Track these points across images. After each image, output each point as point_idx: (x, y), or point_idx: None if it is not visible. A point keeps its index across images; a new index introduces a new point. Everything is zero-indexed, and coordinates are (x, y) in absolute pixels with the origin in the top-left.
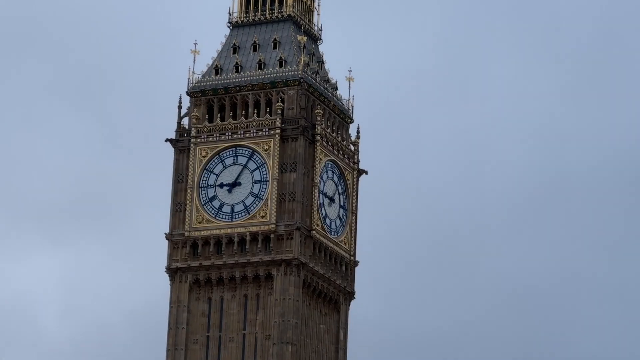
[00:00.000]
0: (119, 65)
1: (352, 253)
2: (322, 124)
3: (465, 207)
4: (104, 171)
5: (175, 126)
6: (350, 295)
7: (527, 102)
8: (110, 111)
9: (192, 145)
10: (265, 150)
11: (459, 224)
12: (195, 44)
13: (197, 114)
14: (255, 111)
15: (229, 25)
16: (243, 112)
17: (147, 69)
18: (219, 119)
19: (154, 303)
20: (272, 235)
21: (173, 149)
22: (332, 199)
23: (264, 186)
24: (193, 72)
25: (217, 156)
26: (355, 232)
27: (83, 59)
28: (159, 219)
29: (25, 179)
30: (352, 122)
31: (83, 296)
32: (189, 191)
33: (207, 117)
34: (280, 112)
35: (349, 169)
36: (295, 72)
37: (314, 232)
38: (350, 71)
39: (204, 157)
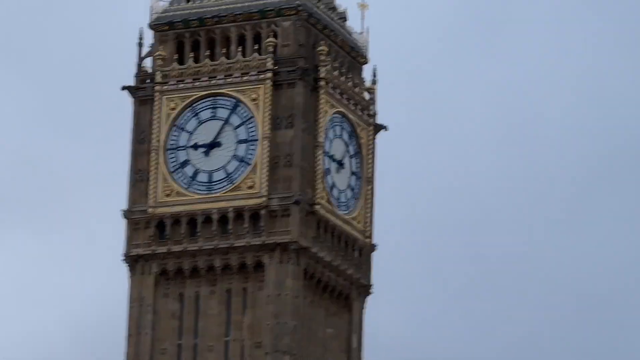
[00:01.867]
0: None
1: (368, 234)
2: (327, 65)
3: (512, 172)
4: (37, 132)
5: (134, 70)
6: (365, 289)
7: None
8: (45, 53)
9: (156, 94)
10: (253, 100)
11: (503, 196)
12: None
13: (163, 53)
14: (240, 49)
15: None
16: (223, 51)
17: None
18: (191, 59)
19: (107, 303)
20: (262, 212)
21: (132, 99)
22: (341, 164)
23: (252, 147)
24: None
25: (190, 108)
26: (372, 206)
27: None
28: (113, 192)
29: None
30: (367, 62)
31: (15, 300)
32: (153, 155)
33: (176, 57)
34: (272, 50)
35: (363, 124)
36: None
37: (318, 206)
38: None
39: (172, 109)
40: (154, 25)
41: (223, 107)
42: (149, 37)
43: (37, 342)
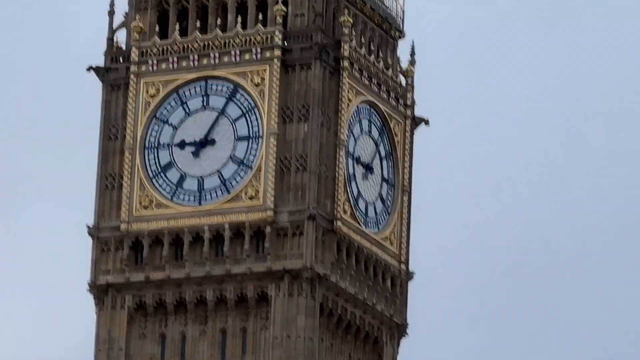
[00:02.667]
0: None
1: (403, 259)
2: (351, 41)
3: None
4: None
5: (104, 46)
6: (399, 329)
7: None
8: None
9: (132, 76)
10: (257, 85)
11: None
12: None
13: (140, 25)
14: (239, 19)
15: None
16: (219, 22)
17: None
18: (177, 32)
19: (68, 345)
20: (268, 229)
21: (101, 83)
22: (369, 168)
23: (255, 146)
24: None
25: (175, 95)
26: (409, 223)
27: None
28: (75, 203)
29: None
30: (403, 37)
31: None
32: (127, 155)
33: (157, 29)
34: (281, 20)
35: (397, 117)
36: None
37: (339, 223)
38: None
39: (152, 96)
40: None
41: (218, 95)
42: (123, 3)
43: None
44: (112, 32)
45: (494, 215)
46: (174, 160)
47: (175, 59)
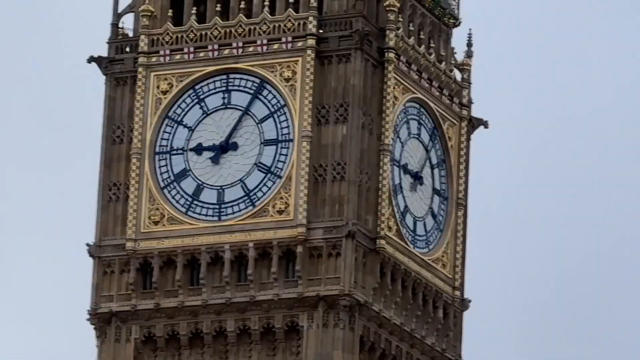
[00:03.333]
0: None
1: (457, 284)
2: (398, 29)
3: None
4: None
5: (107, 33)
6: None
7: None
8: None
9: (140, 68)
10: (287, 80)
11: None
12: None
13: (150, 9)
14: (267, 2)
15: None
16: (242, 5)
17: None
18: (193, 18)
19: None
20: (299, 249)
21: (103, 76)
22: (418, 177)
23: (284, 151)
24: None
25: (191, 91)
26: (464, 242)
27: None
28: (74, 219)
29: None
30: (459, 24)
31: None
32: (134, 161)
33: (170, 14)
34: (316, 4)
35: (451, 118)
36: None
37: (383, 241)
38: None
39: (164, 93)
40: None
41: (241, 90)
42: None
43: None
44: (117, 16)
45: (562, 234)
46: (190, 167)
47: (192, 49)
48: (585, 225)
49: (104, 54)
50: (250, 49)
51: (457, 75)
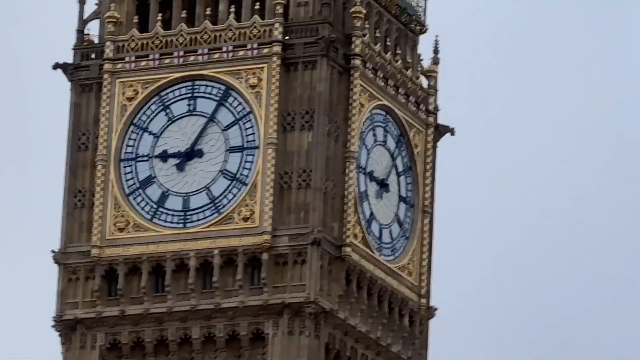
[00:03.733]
0: None
1: (423, 292)
2: (364, 36)
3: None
4: None
5: (73, 40)
6: None
7: None
8: None
9: (106, 75)
10: (253, 87)
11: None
12: None
13: (116, 15)
14: (233, 9)
15: None
16: (208, 12)
17: None
18: (159, 24)
19: None
20: (264, 256)
21: (69, 83)
22: (384, 185)
23: (250, 158)
24: None
25: (157, 98)
26: (430, 250)
27: None
28: (39, 226)
29: None
30: (425, 31)
31: None
32: (99, 168)
33: (136, 20)
34: (282, 11)
35: (417, 125)
36: None
37: (349, 249)
38: None
39: (130, 99)
40: None
41: (207, 97)
42: None
43: None
44: (82, 23)
45: (528, 240)
46: (155, 174)
47: (157, 56)
48: (551, 230)
49: (70, 60)
50: (216, 55)
51: (424, 82)
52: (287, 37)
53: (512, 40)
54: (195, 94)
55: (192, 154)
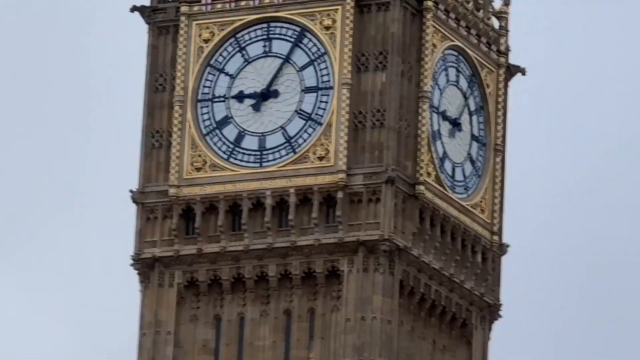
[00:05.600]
0: None
1: (495, 229)
2: None
3: None
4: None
5: None
6: (492, 310)
7: None
8: None
9: (183, 17)
10: (327, 28)
11: None
12: None
13: None
14: None
15: None
16: None
17: None
18: None
19: (109, 328)
20: (339, 195)
21: (146, 25)
22: (456, 124)
23: (325, 99)
24: None
25: (233, 39)
26: (502, 188)
27: None
28: (118, 166)
29: None
30: None
31: None
32: (176, 109)
33: None
34: None
35: (489, 65)
36: None
37: (422, 187)
38: None
39: (206, 41)
40: None
41: (282, 38)
42: None
43: None
44: None
45: (602, 179)
46: (231, 115)
47: None
48: (624, 166)
49: (147, 3)
50: None
51: (495, 23)
52: None
53: None
54: (271, 36)
55: (267, 94)
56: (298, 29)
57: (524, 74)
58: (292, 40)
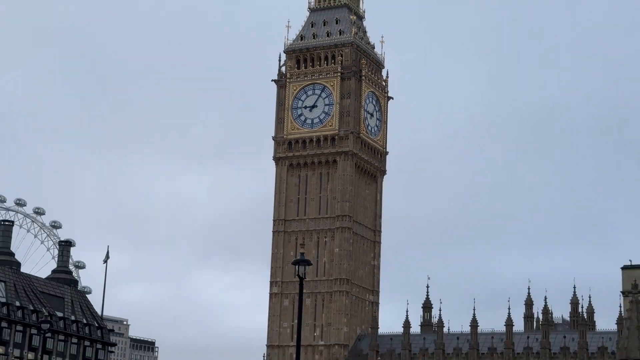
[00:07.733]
0: (232, 38)
1: (384, 146)
2: (365, 69)
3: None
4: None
5: (277, 72)
6: (383, 172)
7: None
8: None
9: (287, 83)
10: (332, 85)
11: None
12: (288, 22)
13: (290, 64)
14: (325, 62)
15: (308, 9)
16: (318, 63)
17: (258, 37)
18: (303, 66)
19: (264, 180)
20: (336, 137)
21: (276, 85)
22: (372, 114)
23: (331, 107)
24: (287, 38)
25: (303, 90)
26: (386, 134)
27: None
28: (268, 127)
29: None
30: (384, 67)
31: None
32: (286, 111)
33: (296, 66)
34: (340, 62)
35: (382, 96)
36: (349, 38)
37: (362, 134)
38: (382, 37)
39: (295, 90)
40: (286, 51)
41: (318, 89)
42: (284, 57)
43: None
44: (280, 67)
45: (430, 128)
46: (303, 113)
47: (303, 76)
48: None
49: (276, 78)
50: (321, 76)
51: (384, 83)
52: (342, 70)
53: (421, 70)
54: (315, 88)
55: (314, 106)
56: (323, 85)
57: (392, 99)
58: (321, 89)
